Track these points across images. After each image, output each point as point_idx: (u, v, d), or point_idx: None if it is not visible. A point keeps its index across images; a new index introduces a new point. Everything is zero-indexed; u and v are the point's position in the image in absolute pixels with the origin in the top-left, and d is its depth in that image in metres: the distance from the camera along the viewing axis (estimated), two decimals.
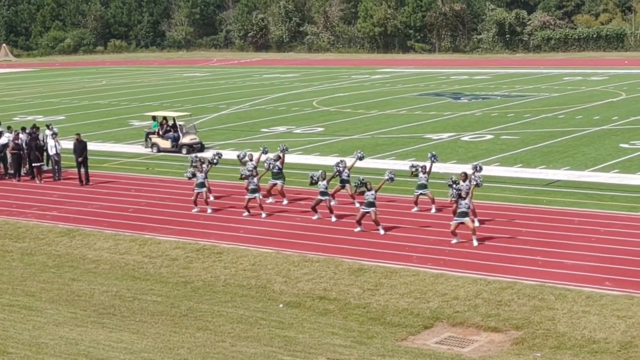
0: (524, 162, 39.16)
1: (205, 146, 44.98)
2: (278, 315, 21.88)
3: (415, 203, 31.11)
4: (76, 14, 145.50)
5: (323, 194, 30.25)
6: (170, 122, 45.81)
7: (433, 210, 30.75)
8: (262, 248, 27.32)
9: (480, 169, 29.68)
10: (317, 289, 23.66)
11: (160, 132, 45.50)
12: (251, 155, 33.98)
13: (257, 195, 30.98)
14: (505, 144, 43.99)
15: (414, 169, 30.98)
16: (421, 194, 30.93)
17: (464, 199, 26.57)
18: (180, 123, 45.79)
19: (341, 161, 32.37)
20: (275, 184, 32.84)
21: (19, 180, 39.17)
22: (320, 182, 30.32)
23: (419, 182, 30.81)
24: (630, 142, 43.10)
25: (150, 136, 45.89)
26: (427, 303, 22.18)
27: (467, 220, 26.68)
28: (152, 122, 47.50)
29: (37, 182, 38.72)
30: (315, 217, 30.40)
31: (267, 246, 27.49)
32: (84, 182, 37.79)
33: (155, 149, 45.10)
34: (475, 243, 26.53)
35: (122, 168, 41.65)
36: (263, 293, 23.67)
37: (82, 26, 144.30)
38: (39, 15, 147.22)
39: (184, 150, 44.14)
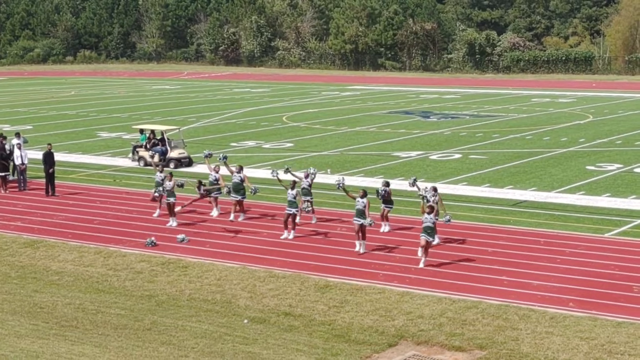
0: (491, 182, 39.31)
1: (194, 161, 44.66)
2: (243, 331, 21.75)
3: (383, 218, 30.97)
4: (46, 24, 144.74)
5: (291, 204, 29.94)
6: (159, 136, 45.39)
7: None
8: (228, 263, 27.20)
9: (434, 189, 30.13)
10: (282, 305, 23.57)
11: (148, 146, 45.07)
12: (218, 167, 33.84)
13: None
14: (473, 163, 44.15)
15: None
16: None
17: (430, 213, 26.67)
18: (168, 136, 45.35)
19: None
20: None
21: None
22: (289, 191, 30.04)
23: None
24: (597, 164, 43.41)
25: (137, 149, 45.40)
26: (392, 321, 22.15)
27: (429, 239, 26.73)
28: (139, 135, 46.96)
29: (2, 191, 38.36)
30: (283, 236, 30.10)
31: (233, 261, 27.38)
32: (49, 193, 37.49)
33: (142, 163, 44.60)
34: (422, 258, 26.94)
35: (89, 180, 41.38)
36: (228, 308, 23.54)
37: (52, 36, 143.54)
38: (9, 24, 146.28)
39: (172, 164, 43.64)
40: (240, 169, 33.13)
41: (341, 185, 29.95)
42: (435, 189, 29.38)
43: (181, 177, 35.59)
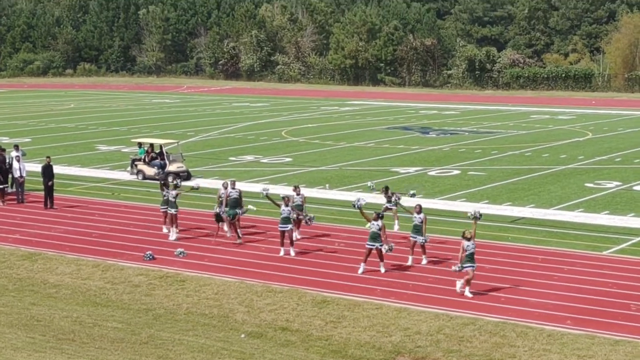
0: (490, 198, 39.32)
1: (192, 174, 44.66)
2: (240, 345, 21.73)
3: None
4: (47, 37, 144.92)
5: (285, 220, 29.86)
6: (157, 150, 45.39)
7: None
8: (225, 277, 27.18)
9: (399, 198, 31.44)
10: (279, 319, 23.55)
11: (147, 159, 45.05)
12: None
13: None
14: (472, 179, 44.17)
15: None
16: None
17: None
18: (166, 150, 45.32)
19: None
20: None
21: None
22: (283, 208, 29.91)
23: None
24: (595, 181, 43.43)
25: (136, 163, 45.37)
26: (389, 337, 22.12)
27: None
28: (138, 148, 46.94)
29: (0, 204, 38.34)
30: (281, 254, 29.89)
31: (231, 275, 27.36)
32: (48, 206, 37.48)
33: (140, 176, 44.53)
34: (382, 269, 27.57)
35: (88, 192, 41.38)
36: (225, 322, 23.52)
37: (53, 49, 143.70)
38: (9, 37, 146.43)
39: (170, 178, 43.63)
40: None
41: (266, 193, 30.66)
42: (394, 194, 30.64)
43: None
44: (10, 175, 39.56)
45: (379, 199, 33.45)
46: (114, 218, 35.63)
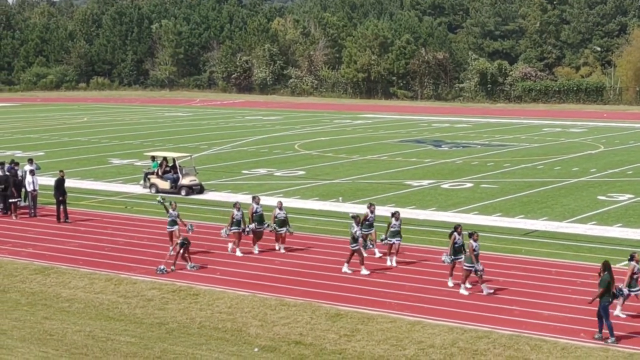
0: (502, 211, 39.25)
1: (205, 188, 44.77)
2: (253, 359, 21.71)
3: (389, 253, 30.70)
4: (60, 51, 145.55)
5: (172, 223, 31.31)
6: (170, 163, 45.45)
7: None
8: (238, 290, 27.18)
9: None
10: (293, 333, 23.52)
11: (160, 173, 45.13)
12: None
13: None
14: (485, 192, 44.11)
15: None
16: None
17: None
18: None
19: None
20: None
21: None
22: (171, 212, 31.30)
23: (392, 230, 30.32)
24: (608, 194, 43.31)
25: (149, 176, 45.42)
26: (403, 350, 22.07)
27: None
28: (151, 162, 47.01)
29: (13, 218, 38.44)
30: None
31: (244, 289, 27.36)
32: (61, 220, 37.53)
33: (153, 190, 44.59)
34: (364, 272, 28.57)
35: (101, 206, 41.45)
36: (238, 336, 23.50)
37: (66, 63, 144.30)
38: (23, 51, 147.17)
39: (183, 192, 43.68)
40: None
41: (161, 202, 31.91)
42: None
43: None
44: (23, 189, 39.65)
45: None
46: (127, 232, 35.67)
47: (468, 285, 26.86)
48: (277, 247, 32.10)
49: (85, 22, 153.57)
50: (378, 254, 30.95)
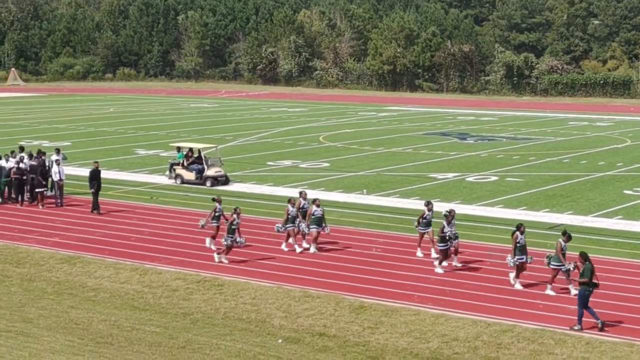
0: (527, 204, 39.13)
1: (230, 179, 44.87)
2: (277, 350, 21.78)
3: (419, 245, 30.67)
4: (87, 41, 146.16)
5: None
6: (196, 154, 45.56)
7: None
8: (263, 282, 27.26)
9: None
10: (317, 325, 23.58)
11: (185, 164, 45.27)
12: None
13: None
14: (510, 186, 43.99)
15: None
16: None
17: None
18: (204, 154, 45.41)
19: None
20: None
21: (21, 205, 39.16)
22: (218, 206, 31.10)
23: (426, 220, 30.25)
24: (634, 188, 43.07)
25: (174, 167, 45.55)
26: (426, 343, 22.09)
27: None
28: (177, 152, 47.14)
29: (39, 207, 38.69)
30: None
31: (269, 280, 27.44)
32: (94, 210, 37.60)
33: (179, 180, 44.69)
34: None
35: (126, 197, 41.65)
36: (262, 327, 23.58)
37: (93, 53, 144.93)
38: (50, 41, 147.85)
39: (208, 183, 43.74)
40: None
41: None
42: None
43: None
44: (49, 179, 39.91)
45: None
46: (153, 222, 35.84)
47: (445, 264, 28.21)
48: (304, 247, 31.17)
49: (112, 13, 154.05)
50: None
